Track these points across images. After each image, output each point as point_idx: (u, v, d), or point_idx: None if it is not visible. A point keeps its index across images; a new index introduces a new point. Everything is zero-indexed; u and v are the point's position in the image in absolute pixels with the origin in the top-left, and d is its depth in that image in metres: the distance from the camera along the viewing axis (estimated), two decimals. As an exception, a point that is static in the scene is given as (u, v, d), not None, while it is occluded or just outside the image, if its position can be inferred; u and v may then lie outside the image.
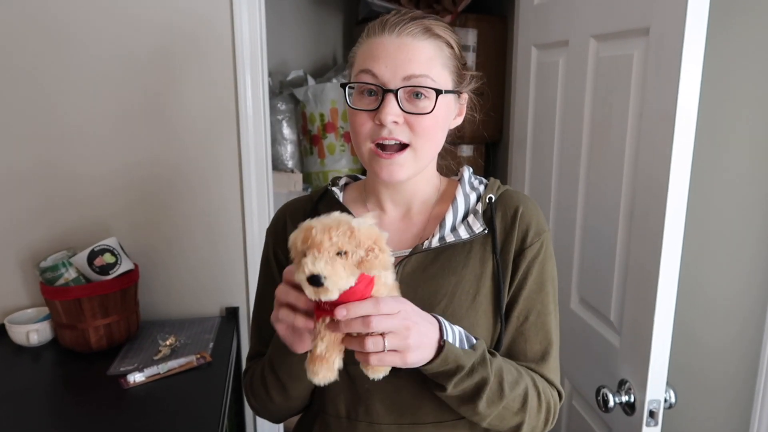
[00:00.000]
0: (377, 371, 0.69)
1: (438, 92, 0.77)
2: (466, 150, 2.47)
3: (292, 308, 0.67)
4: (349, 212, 0.82)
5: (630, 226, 1.12)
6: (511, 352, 0.84)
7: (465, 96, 0.86)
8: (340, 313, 0.62)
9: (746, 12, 1.24)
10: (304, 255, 0.63)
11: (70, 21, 1.48)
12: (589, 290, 1.31)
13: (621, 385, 1.12)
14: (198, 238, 1.65)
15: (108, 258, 1.41)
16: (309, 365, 0.67)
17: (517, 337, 0.84)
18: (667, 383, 1.06)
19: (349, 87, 0.80)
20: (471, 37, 2.30)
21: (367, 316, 0.63)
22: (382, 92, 0.76)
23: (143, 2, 1.50)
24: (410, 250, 0.83)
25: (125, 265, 1.44)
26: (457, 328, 0.76)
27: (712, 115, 1.30)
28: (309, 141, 2.72)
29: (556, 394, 0.85)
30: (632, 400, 1.09)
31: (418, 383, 0.78)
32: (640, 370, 1.07)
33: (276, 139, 2.72)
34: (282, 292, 0.68)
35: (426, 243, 0.82)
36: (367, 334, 0.65)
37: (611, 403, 1.10)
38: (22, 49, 1.47)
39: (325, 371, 0.67)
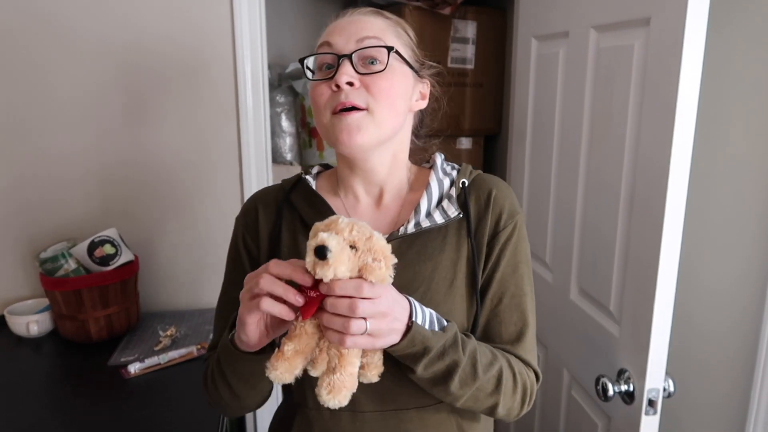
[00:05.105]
0: (372, 375, 0.70)
1: (389, 48, 0.79)
2: (465, 143, 2.47)
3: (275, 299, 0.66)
4: (323, 200, 0.85)
5: (630, 217, 1.12)
6: (487, 334, 0.84)
7: (427, 82, 0.88)
8: (323, 288, 0.63)
9: (747, 2, 1.24)
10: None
11: (68, 12, 1.47)
12: (588, 280, 1.31)
13: (620, 375, 1.13)
14: (198, 230, 1.65)
15: (108, 249, 1.41)
16: (272, 359, 0.68)
17: (492, 318, 0.84)
18: (666, 372, 1.07)
19: (309, 67, 0.83)
20: (470, 29, 2.29)
21: (354, 301, 0.63)
22: (337, 60, 0.79)
23: (142, -8, 1.49)
24: (386, 236, 0.82)
25: (125, 256, 1.44)
26: (428, 311, 0.76)
27: (712, 105, 1.30)
28: (308, 134, 2.71)
29: (533, 375, 0.85)
30: (631, 389, 1.09)
31: (398, 369, 0.76)
32: (639, 359, 1.08)
33: (275, 132, 2.71)
34: (267, 281, 0.66)
35: (402, 229, 0.82)
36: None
37: (610, 392, 1.11)
38: (23, 45, 1.47)
39: (284, 370, 0.67)
